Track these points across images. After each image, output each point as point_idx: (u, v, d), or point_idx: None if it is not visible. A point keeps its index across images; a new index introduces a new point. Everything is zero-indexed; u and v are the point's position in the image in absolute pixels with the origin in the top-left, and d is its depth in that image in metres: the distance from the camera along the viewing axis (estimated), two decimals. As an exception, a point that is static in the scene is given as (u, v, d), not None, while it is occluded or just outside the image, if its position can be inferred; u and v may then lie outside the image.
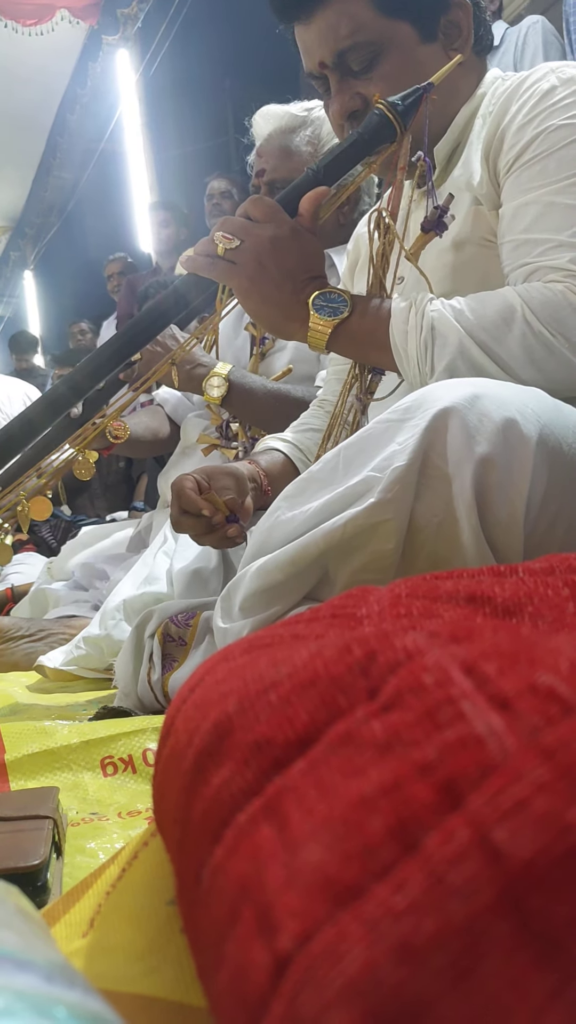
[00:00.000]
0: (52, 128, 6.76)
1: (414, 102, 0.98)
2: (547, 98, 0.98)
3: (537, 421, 0.76)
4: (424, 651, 0.31)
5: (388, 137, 0.99)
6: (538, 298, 0.89)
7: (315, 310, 0.96)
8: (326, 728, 0.30)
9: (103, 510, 3.19)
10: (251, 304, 1.00)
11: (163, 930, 0.39)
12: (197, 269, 1.00)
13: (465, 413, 0.73)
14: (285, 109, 1.71)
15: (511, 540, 0.75)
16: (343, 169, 1.01)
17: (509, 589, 0.46)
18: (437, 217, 0.99)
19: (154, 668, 1.06)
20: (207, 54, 5.54)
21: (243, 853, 0.28)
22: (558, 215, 0.93)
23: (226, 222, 0.98)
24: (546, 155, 0.96)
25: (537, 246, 0.94)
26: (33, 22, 5.15)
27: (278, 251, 0.96)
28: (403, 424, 0.76)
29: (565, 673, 0.28)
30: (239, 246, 0.96)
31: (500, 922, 0.22)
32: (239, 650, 0.43)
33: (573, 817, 0.22)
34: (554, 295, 0.89)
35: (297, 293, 0.97)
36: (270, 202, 0.98)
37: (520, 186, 0.97)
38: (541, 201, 0.95)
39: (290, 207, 0.99)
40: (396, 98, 0.98)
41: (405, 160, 0.99)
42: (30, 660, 1.48)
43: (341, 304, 0.97)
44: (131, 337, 1.08)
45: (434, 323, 0.91)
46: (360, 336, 0.98)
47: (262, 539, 0.85)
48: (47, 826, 0.60)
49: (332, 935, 0.22)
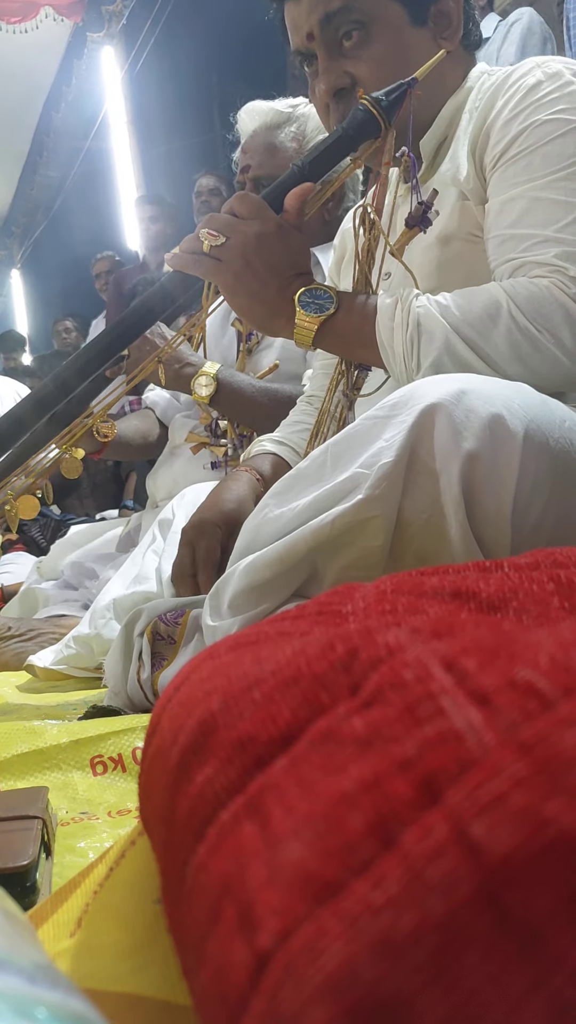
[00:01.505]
0: (38, 126, 6.74)
1: (398, 97, 0.97)
2: (532, 93, 0.98)
3: (523, 416, 0.76)
4: (405, 647, 0.31)
5: (372, 132, 0.98)
6: (524, 293, 0.89)
7: (301, 307, 0.96)
8: (308, 725, 0.30)
9: (92, 509, 3.19)
10: (237, 301, 0.99)
11: (150, 929, 0.39)
12: (183, 266, 1.00)
13: (452, 409, 0.74)
14: (270, 105, 1.70)
15: (499, 535, 0.76)
16: (328, 165, 1.00)
17: (494, 584, 0.47)
18: (421, 213, 0.99)
19: (143, 667, 1.06)
20: (193, 50, 5.53)
21: (226, 851, 0.28)
22: (543, 210, 0.93)
23: (212, 219, 0.98)
24: (531, 150, 0.96)
25: (523, 241, 0.94)
26: (17, 20, 5.13)
27: (264, 248, 0.96)
28: (390, 420, 0.76)
29: (545, 668, 0.28)
30: (225, 243, 0.96)
31: (478, 917, 0.22)
32: (224, 648, 0.43)
33: (551, 812, 0.22)
34: (540, 290, 0.89)
35: (283, 290, 0.97)
36: (255, 198, 0.98)
37: (506, 181, 0.97)
38: (527, 196, 0.95)
39: (276, 203, 0.98)
40: (380, 93, 0.97)
41: (390, 156, 0.99)
42: (20, 660, 1.48)
43: (327, 301, 0.96)
44: (118, 335, 1.07)
45: (420, 319, 0.91)
46: (346, 332, 0.98)
47: (250, 537, 0.85)
48: (36, 826, 0.60)
49: (311, 932, 0.22)
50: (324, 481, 0.79)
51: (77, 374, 1.06)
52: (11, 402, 3.14)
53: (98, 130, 6.22)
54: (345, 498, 0.76)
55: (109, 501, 3.24)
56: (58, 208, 7.68)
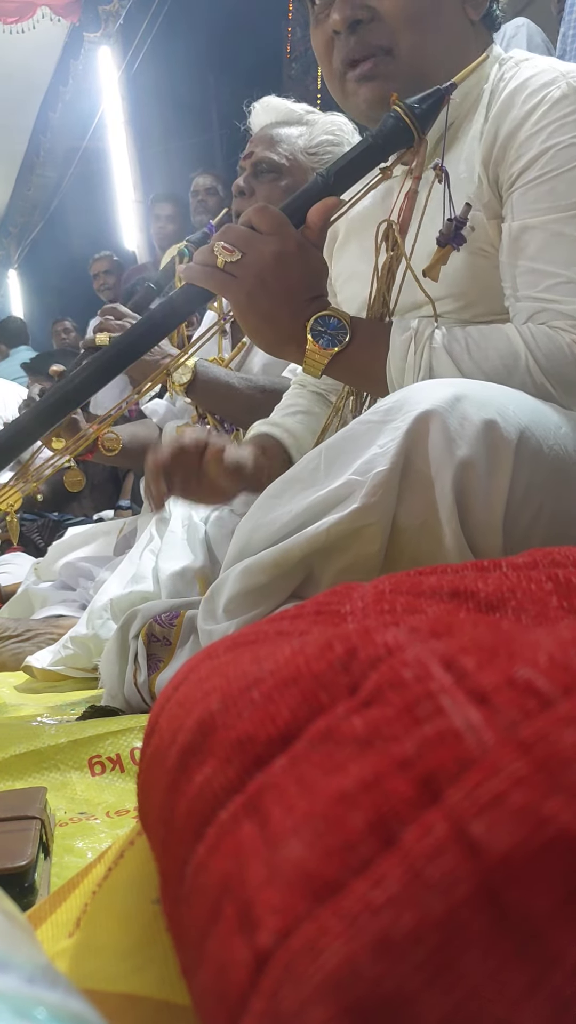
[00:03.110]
0: (35, 126, 6.74)
1: (434, 104, 0.91)
2: (557, 108, 0.91)
3: (518, 423, 0.76)
4: (404, 646, 0.31)
5: (405, 142, 0.92)
6: (544, 348, 0.87)
7: (313, 336, 0.92)
8: (307, 725, 0.30)
9: (90, 509, 3.18)
10: (248, 321, 0.94)
11: (149, 929, 0.39)
12: (195, 279, 0.94)
13: (446, 416, 0.73)
14: (285, 104, 1.71)
15: (491, 541, 0.76)
16: (355, 176, 0.95)
17: (492, 584, 0.47)
18: (453, 230, 0.92)
19: (139, 670, 1.06)
20: (189, 50, 5.52)
21: (225, 851, 0.28)
22: (566, 248, 0.90)
23: (228, 231, 0.92)
24: (555, 175, 0.90)
25: (543, 279, 0.90)
26: (14, 20, 5.12)
27: (281, 268, 0.90)
28: (384, 426, 0.76)
29: (544, 667, 0.28)
30: (240, 259, 0.90)
31: (478, 915, 0.22)
32: (223, 648, 0.43)
33: (550, 810, 0.22)
34: (561, 347, 0.87)
35: (297, 315, 0.92)
36: (276, 213, 0.91)
37: (526, 206, 0.92)
38: (549, 228, 0.90)
39: (297, 215, 0.92)
40: (414, 100, 0.91)
41: (421, 168, 0.93)
42: (17, 660, 1.48)
43: (340, 332, 0.92)
44: (125, 347, 1.04)
45: (433, 364, 0.88)
46: (358, 367, 0.94)
47: (244, 540, 0.84)
48: (34, 827, 0.60)
49: (311, 931, 0.23)
50: (318, 486, 0.79)
51: (83, 384, 1.04)
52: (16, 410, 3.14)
53: (95, 130, 6.21)
54: (340, 505, 0.76)
55: (106, 501, 3.23)
56: (55, 208, 7.67)
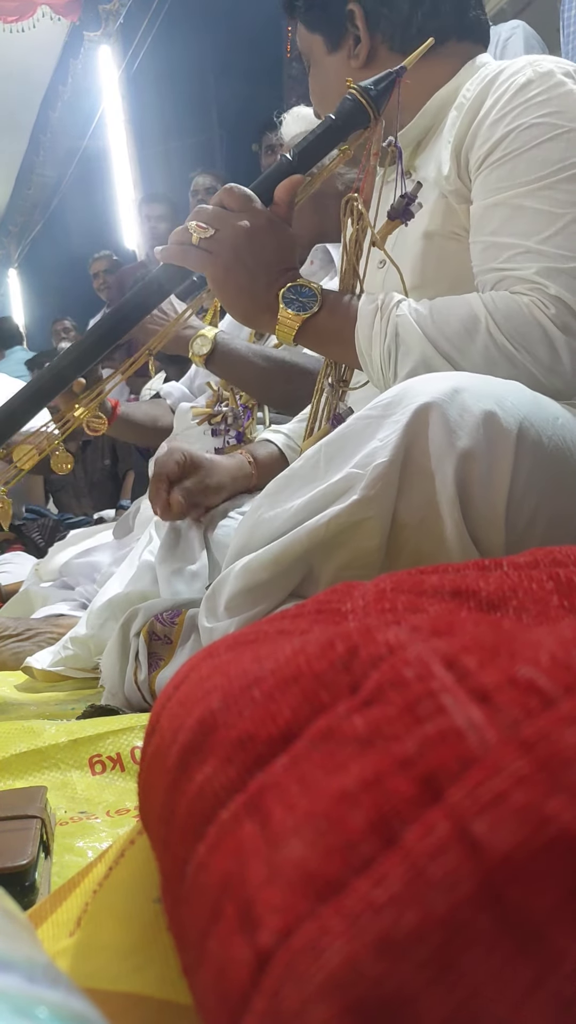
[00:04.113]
0: (34, 126, 6.73)
1: (387, 86, 0.98)
2: (522, 93, 0.96)
3: (517, 414, 0.76)
4: (405, 645, 0.31)
5: (362, 122, 0.98)
6: (503, 309, 0.89)
7: (285, 303, 0.96)
8: (308, 724, 0.30)
9: (89, 508, 3.18)
10: (225, 294, 0.99)
11: (149, 928, 0.39)
12: (171, 258, 1.00)
13: (446, 408, 0.74)
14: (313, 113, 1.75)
15: (493, 534, 0.76)
16: (317, 156, 1.01)
17: (494, 583, 0.47)
18: (403, 205, 0.99)
19: (140, 667, 1.06)
20: (190, 50, 5.51)
21: (226, 850, 0.28)
22: (526, 219, 0.93)
23: (200, 211, 0.98)
24: (516, 155, 0.94)
25: (504, 250, 0.93)
26: (14, 19, 5.11)
27: (254, 242, 0.95)
28: (384, 420, 0.76)
29: (545, 666, 0.28)
30: (215, 235, 0.96)
31: (480, 914, 0.22)
32: (224, 646, 0.43)
33: (552, 809, 0.22)
34: (519, 308, 0.88)
35: (270, 285, 0.97)
36: (244, 191, 0.98)
37: (489, 186, 0.96)
38: (510, 203, 0.94)
39: (265, 195, 0.99)
40: (368, 82, 0.97)
41: (378, 146, 0.99)
42: (18, 660, 1.48)
43: (310, 299, 0.96)
44: (111, 327, 1.07)
45: (398, 329, 0.91)
46: (327, 333, 0.98)
47: (245, 538, 0.85)
48: (35, 826, 0.60)
49: (313, 930, 0.22)
50: (318, 481, 0.79)
51: (71, 366, 1.05)
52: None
53: (95, 129, 6.20)
54: (339, 499, 0.76)
55: (106, 500, 3.23)
56: (55, 207, 7.66)
